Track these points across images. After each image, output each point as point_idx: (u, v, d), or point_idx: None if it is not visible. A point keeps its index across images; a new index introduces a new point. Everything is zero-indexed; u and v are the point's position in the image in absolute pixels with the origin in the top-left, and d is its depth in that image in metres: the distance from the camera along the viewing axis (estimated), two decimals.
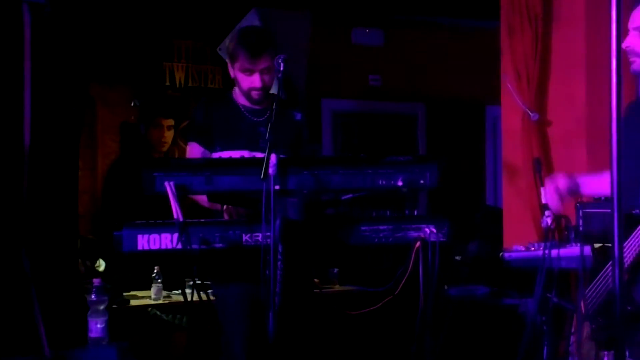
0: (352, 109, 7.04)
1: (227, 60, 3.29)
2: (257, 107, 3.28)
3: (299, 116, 3.36)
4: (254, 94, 3.19)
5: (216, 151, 3.22)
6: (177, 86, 6.14)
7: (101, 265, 4.97)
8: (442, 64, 7.28)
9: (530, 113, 4.45)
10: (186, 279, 3.68)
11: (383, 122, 7.30)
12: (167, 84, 6.10)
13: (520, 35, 4.49)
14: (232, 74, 3.26)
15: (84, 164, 5.52)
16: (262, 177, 2.47)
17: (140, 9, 5.96)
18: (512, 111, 4.63)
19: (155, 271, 4.88)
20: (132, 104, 5.94)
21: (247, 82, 3.17)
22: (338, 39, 6.90)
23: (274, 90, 3.12)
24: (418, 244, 2.68)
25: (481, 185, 7.58)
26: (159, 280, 4.89)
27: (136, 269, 5.04)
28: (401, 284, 2.76)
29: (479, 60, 6.97)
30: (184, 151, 6.17)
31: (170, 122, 6.09)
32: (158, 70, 6.08)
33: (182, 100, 6.12)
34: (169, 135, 6.07)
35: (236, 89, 3.31)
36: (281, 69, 2.82)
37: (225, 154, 3.18)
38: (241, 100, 3.27)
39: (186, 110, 6.13)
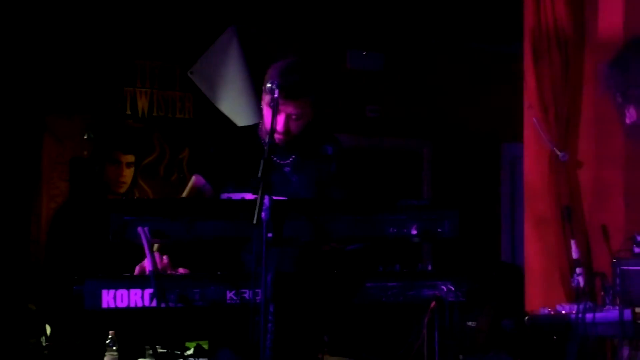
0: (345, 145, 7.09)
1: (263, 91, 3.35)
2: (282, 145, 3.33)
3: (329, 150, 3.43)
4: (275, 136, 3.25)
5: (227, 191, 3.26)
6: (140, 115, 6.16)
7: (47, 330, 4.95)
8: (452, 93, 7.36)
9: (558, 153, 4.50)
10: (146, 347, 3.68)
11: (381, 160, 7.35)
12: (128, 112, 6.13)
13: (548, 61, 4.57)
14: (262, 104, 3.32)
15: None
16: (254, 221, 2.51)
17: (97, 23, 5.98)
18: (537, 150, 4.68)
19: (109, 337, 4.85)
20: (85, 137, 5.95)
21: (271, 121, 3.20)
22: (331, 63, 6.97)
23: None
24: (433, 303, 2.71)
25: (496, 237, 7.61)
26: (114, 349, 4.86)
27: (87, 335, 5.01)
28: (413, 352, 2.78)
29: (496, 90, 7.06)
30: (146, 193, 6.18)
31: (130, 158, 6.10)
32: (117, 96, 6.11)
33: (145, 133, 6.15)
34: (129, 173, 6.08)
35: (262, 124, 3.39)
36: (275, 95, 2.88)
37: (237, 196, 3.21)
38: (266, 137, 3.32)
39: (149, 144, 6.14)
